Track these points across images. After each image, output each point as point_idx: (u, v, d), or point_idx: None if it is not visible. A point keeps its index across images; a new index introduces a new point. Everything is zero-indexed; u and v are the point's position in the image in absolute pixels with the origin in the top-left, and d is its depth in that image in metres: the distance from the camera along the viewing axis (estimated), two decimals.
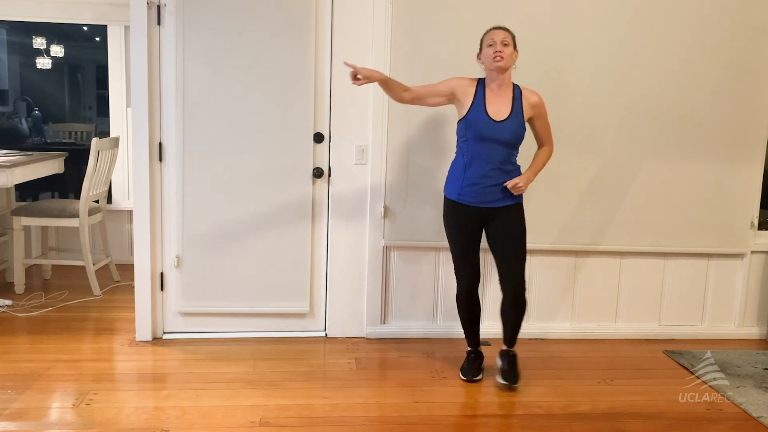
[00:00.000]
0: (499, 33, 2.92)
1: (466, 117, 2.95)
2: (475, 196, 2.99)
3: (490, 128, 2.91)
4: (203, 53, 3.42)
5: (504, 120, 2.93)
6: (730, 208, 3.80)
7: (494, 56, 2.89)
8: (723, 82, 3.69)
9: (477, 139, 2.93)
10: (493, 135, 2.92)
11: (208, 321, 3.65)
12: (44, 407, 2.79)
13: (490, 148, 2.94)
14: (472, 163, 2.97)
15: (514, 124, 2.94)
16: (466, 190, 2.99)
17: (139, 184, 3.49)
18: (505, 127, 2.92)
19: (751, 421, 2.87)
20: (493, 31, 2.96)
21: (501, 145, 2.94)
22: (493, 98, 2.95)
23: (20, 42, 8.93)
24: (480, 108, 2.93)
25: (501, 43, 2.90)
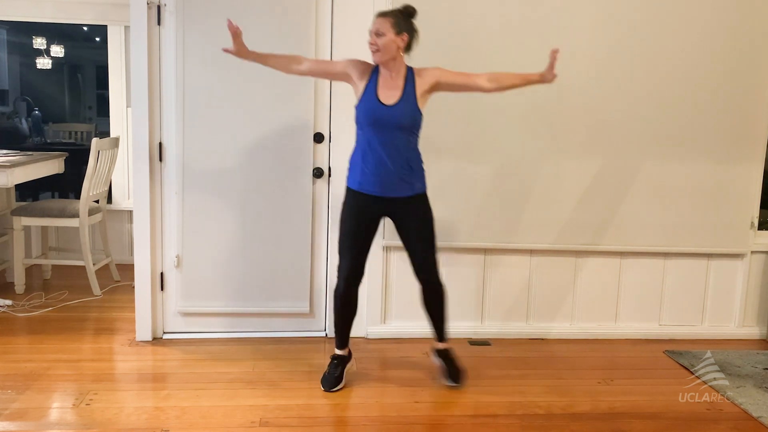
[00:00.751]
0: (374, 22, 2.81)
1: (359, 104, 2.87)
2: (377, 185, 2.87)
3: (382, 113, 2.82)
4: (203, 53, 3.42)
5: (395, 104, 2.82)
6: (730, 208, 3.80)
7: (370, 49, 2.82)
8: (723, 82, 3.69)
9: (371, 126, 2.84)
10: (385, 120, 2.81)
11: (208, 321, 3.65)
12: (44, 407, 2.79)
13: (386, 134, 2.82)
14: (369, 151, 2.86)
15: (405, 107, 2.82)
16: (368, 179, 2.87)
17: (139, 184, 3.49)
18: (396, 111, 2.81)
19: (751, 421, 2.87)
20: (374, 19, 2.83)
21: (396, 130, 2.83)
22: (385, 83, 2.84)
23: (20, 42, 8.93)
24: (371, 93, 2.84)
25: (375, 33, 2.79)
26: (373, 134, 2.85)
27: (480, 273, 3.76)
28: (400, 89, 2.86)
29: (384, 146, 2.84)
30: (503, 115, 3.60)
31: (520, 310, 3.82)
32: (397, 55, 2.85)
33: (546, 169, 3.67)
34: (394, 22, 2.82)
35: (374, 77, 2.88)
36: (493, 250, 3.74)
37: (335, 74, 3.00)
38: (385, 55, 2.82)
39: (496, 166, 3.64)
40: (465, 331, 3.77)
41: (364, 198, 2.91)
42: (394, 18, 2.83)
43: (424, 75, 2.91)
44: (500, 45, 3.55)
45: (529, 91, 3.56)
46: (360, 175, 2.90)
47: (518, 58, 3.54)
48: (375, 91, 2.85)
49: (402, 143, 2.86)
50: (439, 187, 3.62)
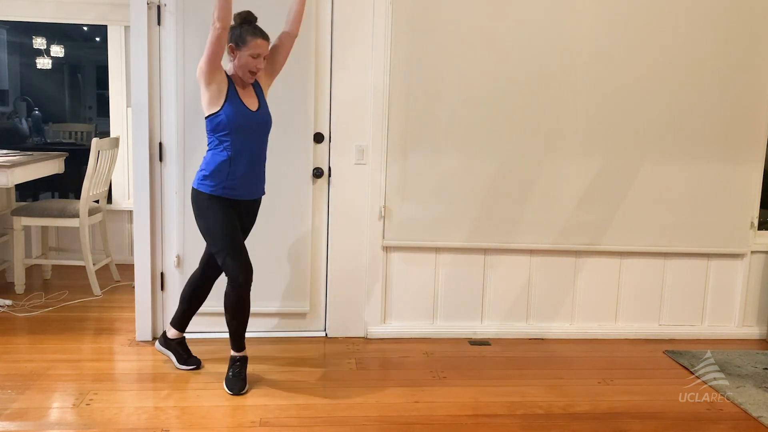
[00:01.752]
0: (264, 46, 2.86)
1: (226, 108, 2.84)
2: (241, 189, 2.93)
3: (252, 118, 2.90)
4: (203, 53, 3.41)
5: (258, 109, 2.93)
6: (730, 208, 3.80)
7: (252, 70, 2.86)
8: (723, 82, 3.69)
9: (240, 132, 2.87)
10: (253, 125, 2.91)
11: (208, 321, 3.64)
12: (44, 407, 2.79)
13: (252, 139, 2.93)
14: (238, 157, 2.88)
15: (265, 112, 2.98)
16: (235, 183, 2.90)
17: (140, 184, 3.49)
18: (260, 116, 2.94)
19: (751, 421, 2.87)
20: (260, 40, 2.84)
21: (260, 134, 2.96)
22: (242, 91, 2.91)
23: (20, 42, 8.93)
24: (236, 100, 2.87)
25: (264, 58, 2.88)
26: (244, 140, 2.90)
27: (480, 273, 3.76)
28: (254, 96, 2.96)
29: (252, 151, 2.94)
30: (503, 115, 3.60)
31: (520, 310, 3.82)
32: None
33: (546, 169, 3.67)
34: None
35: (231, 85, 2.90)
36: (493, 250, 3.74)
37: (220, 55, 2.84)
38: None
39: (496, 166, 3.64)
40: (465, 331, 3.77)
41: (229, 202, 2.94)
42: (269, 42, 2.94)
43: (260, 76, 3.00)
44: (499, 45, 3.55)
45: (530, 91, 3.58)
46: (225, 181, 2.90)
47: (517, 57, 3.54)
48: (239, 98, 2.89)
49: (262, 147, 3.00)
50: (440, 187, 3.62)
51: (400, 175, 3.60)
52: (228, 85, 2.87)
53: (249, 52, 2.84)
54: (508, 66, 3.56)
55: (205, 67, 2.81)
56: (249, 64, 2.85)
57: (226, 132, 2.87)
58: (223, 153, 2.89)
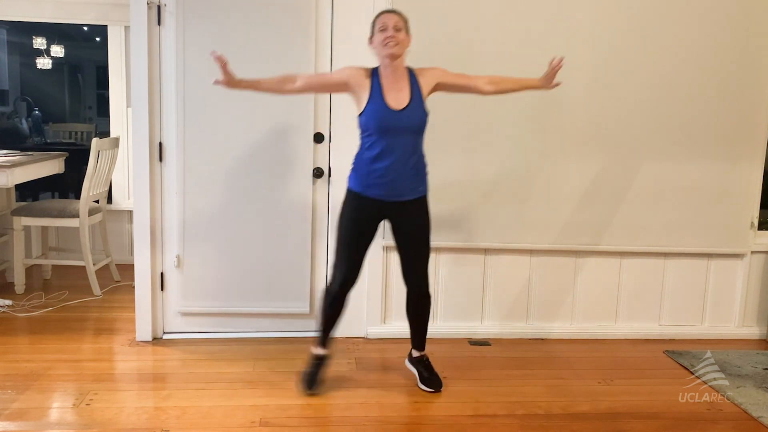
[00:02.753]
0: (391, 17, 2.79)
1: (366, 110, 2.82)
2: (383, 189, 2.85)
3: (392, 118, 2.78)
4: (203, 53, 3.41)
5: (404, 108, 2.79)
6: (730, 208, 3.80)
7: (385, 41, 2.76)
8: (723, 82, 3.69)
9: (381, 132, 2.80)
10: (396, 125, 2.79)
11: (208, 321, 3.65)
12: (44, 407, 2.79)
13: (396, 139, 2.80)
14: (378, 157, 2.81)
15: (415, 111, 2.81)
16: (374, 182, 2.85)
17: (139, 184, 3.49)
18: (407, 115, 2.79)
19: (751, 422, 2.87)
20: (384, 14, 2.82)
21: (406, 135, 2.82)
22: (389, 86, 2.81)
23: (20, 42, 8.93)
24: (378, 99, 2.79)
25: (393, 28, 2.76)
26: (383, 139, 2.81)
27: (480, 273, 3.76)
28: (406, 92, 2.83)
29: (393, 151, 2.82)
30: (503, 115, 3.60)
31: (520, 310, 3.82)
32: (404, 54, 2.86)
33: (546, 169, 3.67)
34: (407, 22, 2.85)
35: (375, 81, 2.83)
36: (493, 250, 3.74)
37: (333, 86, 2.98)
38: (401, 49, 2.81)
39: (496, 166, 3.64)
40: (465, 331, 3.77)
41: (367, 201, 2.89)
42: (406, 19, 2.85)
43: (426, 75, 2.90)
44: (499, 45, 3.55)
45: (530, 91, 3.57)
46: (365, 178, 2.87)
47: (517, 59, 3.54)
48: (381, 96, 2.81)
49: (410, 147, 2.85)
50: (440, 187, 3.62)
51: None
52: (371, 86, 2.82)
53: (377, 29, 2.81)
54: (508, 66, 3.55)
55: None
56: (380, 39, 2.79)
57: (367, 132, 2.85)
58: (365, 152, 2.87)
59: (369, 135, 2.84)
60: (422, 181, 2.95)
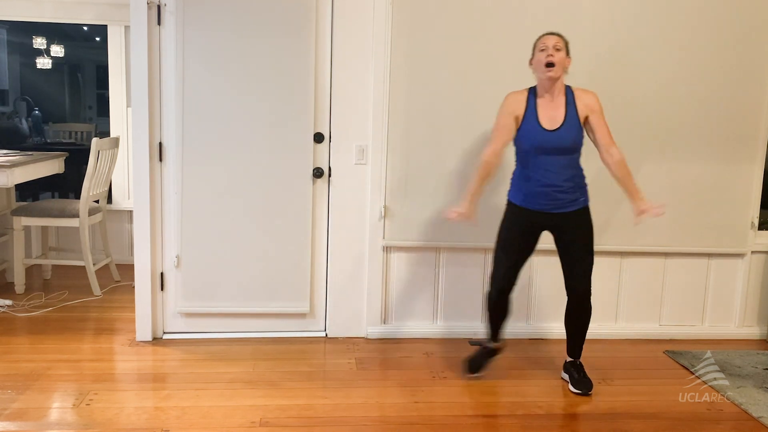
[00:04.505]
0: (551, 38, 2.87)
1: (521, 130, 2.89)
2: (539, 204, 2.95)
3: (545, 138, 2.86)
4: (203, 53, 3.42)
5: (558, 128, 2.86)
6: (730, 208, 3.80)
7: (546, 60, 2.82)
8: (723, 81, 3.69)
9: (534, 151, 2.88)
10: (549, 145, 2.86)
11: (208, 321, 3.65)
12: (44, 407, 2.79)
13: (550, 158, 2.88)
14: (532, 175, 2.92)
15: (569, 131, 2.87)
16: (531, 198, 2.96)
17: (139, 184, 3.49)
18: (560, 136, 2.86)
19: (751, 422, 2.87)
20: (546, 36, 2.89)
21: (560, 154, 2.88)
22: (545, 106, 2.89)
23: (20, 42, 8.93)
24: (533, 119, 2.88)
25: (553, 47, 2.83)
26: (538, 158, 2.89)
27: (480, 273, 3.75)
28: (561, 111, 2.89)
29: (549, 169, 2.90)
30: None
31: (521, 310, 3.81)
32: (563, 75, 2.91)
33: None
34: (566, 43, 2.91)
35: (531, 103, 2.91)
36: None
37: (512, 128, 2.94)
38: (559, 71, 2.86)
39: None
40: (465, 331, 3.76)
41: (527, 212, 2.99)
42: (566, 41, 2.91)
43: (584, 100, 2.94)
44: (500, 44, 3.55)
45: None
46: (523, 194, 2.98)
47: (518, 56, 3.54)
48: (536, 116, 2.88)
49: (564, 163, 2.91)
50: (440, 187, 3.62)
51: (401, 174, 3.60)
52: (527, 107, 2.90)
53: (537, 50, 2.89)
54: (508, 65, 3.55)
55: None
56: (540, 60, 2.86)
57: (522, 151, 2.94)
58: (521, 169, 2.99)
59: (524, 153, 2.94)
60: (582, 193, 3.01)
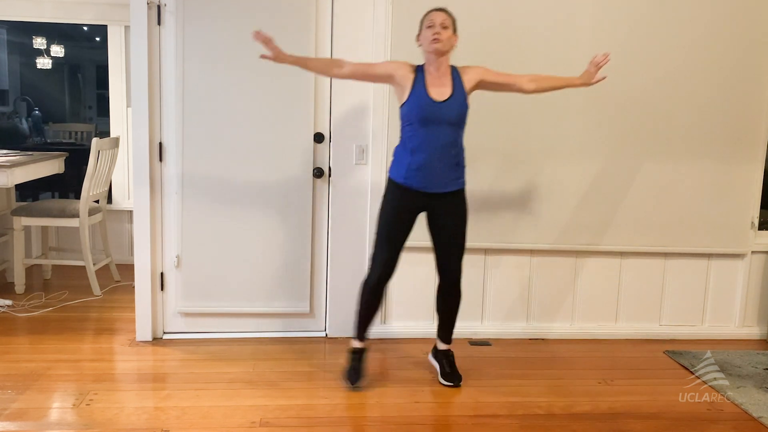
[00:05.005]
0: (438, 15, 2.87)
1: (409, 100, 2.88)
2: (422, 180, 2.90)
3: (434, 109, 2.86)
4: (203, 53, 3.42)
5: (446, 100, 2.86)
6: (730, 208, 3.80)
7: (432, 38, 2.85)
8: (723, 82, 3.69)
9: (422, 122, 2.87)
10: (437, 116, 2.86)
11: (209, 321, 3.65)
12: (44, 407, 2.79)
13: (436, 131, 2.86)
14: (418, 148, 2.88)
15: (456, 103, 2.88)
16: (413, 173, 2.90)
17: (139, 184, 3.49)
18: (448, 107, 2.86)
19: (751, 422, 2.87)
20: (433, 12, 2.89)
21: (446, 126, 2.87)
22: (433, 81, 2.88)
23: (20, 42, 8.93)
24: (421, 90, 2.87)
25: (440, 25, 2.84)
26: (424, 130, 2.87)
27: (480, 273, 3.76)
28: (449, 86, 2.90)
29: (434, 142, 2.88)
30: (503, 115, 3.59)
31: (520, 310, 3.82)
32: (449, 52, 2.92)
33: (546, 169, 3.67)
34: (454, 21, 2.92)
35: (420, 76, 2.91)
36: (493, 250, 3.74)
37: (378, 76, 3.00)
38: (445, 47, 2.88)
39: (496, 166, 3.64)
40: (465, 331, 3.76)
41: (408, 192, 2.95)
42: (453, 18, 2.92)
43: (469, 72, 2.96)
44: (499, 44, 3.55)
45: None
46: (406, 169, 2.92)
47: (517, 56, 3.55)
48: (425, 89, 2.88)
49: (451, 139, 2.90)
50: None
51: None
52: (414, 78, 2.89)
53: (425, 26, 2.89)
54: (507, 65, 3.54)
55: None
56: (427, 35, 2.87)
57: (408, 123, 2.91)
58: (406, 143, 2.93)
59: (410, 125, 2.91)
60: (462, 173, 2.99)
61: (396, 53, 3.49)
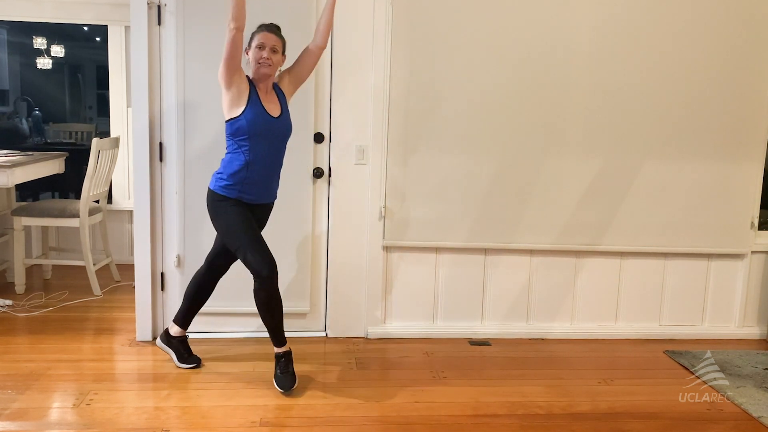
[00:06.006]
0: (270, 37, 2.88)
1: (246, 113, 2.86)
2: (257, 194, 2.97)
3: (271, 125, 2.91)
4: (203, 53, 3.42)
5: (279, 116, 2.94)
6: (730, 208, 3.80)
7: (260, 61, 2.86)
8: (723, 81, 3.69)
9: (259, 137, 2.89)
10: (273, 131, 2.92)
11: (209, 321, 3.65)
12: (45, 407, 2.79)
13: (271, 145, 2.94)
14: (255, 161, 2.90)
15: (287, 119, 2.98)
16: (248, 188, 2.93)
17: (140, 184, 3.49)
18: (282, 122, 2.95)
19: (751, 421, 2.87)
20: (264, 32, 2.89)
21: (279, 141, 2.97)
22: (264, 97, 2.93)
23: (21, 42, 8.93)
24: (258, 105, 2.88)
25: (270, 49, 2.87)
26: (262, 145, 2.91)
27: (480, 273, 3.76)
28: (277, 103, 2.97)
29: (269, 156, 2.95)
30: (503, 115, 3.60)
31: (520, 310, 3.82)
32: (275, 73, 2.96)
33: (546, 169, 3.67)
34: (284, 43, 2.96)
35: (253, 89, 2.91)
36: (493, 250, 3.74)
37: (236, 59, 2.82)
38: (274, 70, 2.93)
39: (496, 166, 3.64)
40: (465, 331, 3.77)
41: (244, 204, 2.97)
42: (284, 40, 2.96)
43: (283, 82, 3.04)
44: (500, 45, 3.55)
45: (530, 91, 3.58)
46: (241, 185, 2.93)
47: (517, 56, 3.55)
48: (260, 103, 2.90)
49: (281, 153, 3.01)
50: (440, 187, 3.62)
51: (401, 175, 3.60)
52: (250, 90, 2.89)
53: (255, 44, 2.89)
54: (508, 66, 3.56)
55: (223, 70, 2.84)
56: (256, 56, 2.88)
57: (246, 137, 2.89)
58: (241, 157, 2.92)
59: (246, 138, 2.90)
60: (278, 185, 3.10)
61: (396, 53, 3.50)
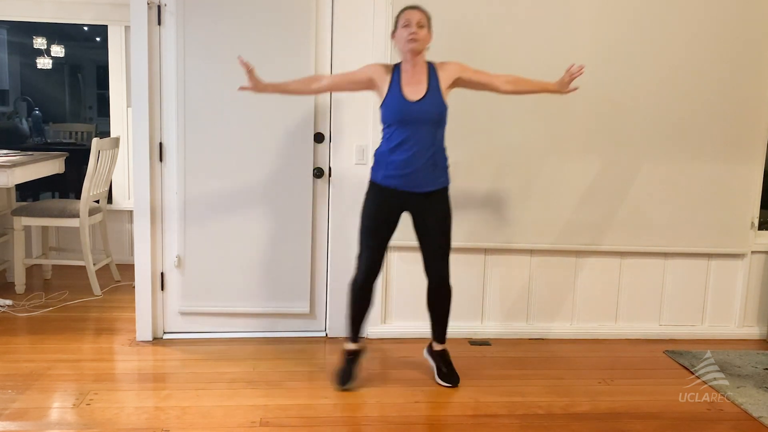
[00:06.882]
0: (415, 14, 2.86)
1: (385, 102, 2.89)
2: (402, 179, 2.91)
3: (409, 109, 2.85)
4: (203, 53, 3.42)
5: (421, 99, 2.86)
6: (730, 208, 3.80)
7: (408, 37, 2.84)
8: (723, 82, 3.69)
9: (399, 123, 2.87)
10: (412, 116, 2.85)
11: (209, 321, 3.65)
12: (45, 407, 2.79)
13: (414, 131, 2.86)
14: (397, 148, 2.88)
15: (432, 101, 2.87)
16: (392, 173, 2.91)
17: (140, 184, 3.49)
18: (423, 106, 2.86)
19: (751, 422, 2.87)
20: (408, 11, 2.88)
21: (424, 126, 2.87)
22: (408, 80, 2.89)
23: (21, 42, 8.94)
24: (396, 91, 2.87)
25: (416, 24, 2.83)
26: (401, 130, 2.87)
27: (480, 273, 3.76)
28: (424, 84, 2.89)
29: (411, 142, 2.88)
30: (503, 115, 3.60)
31: (520, 310, 3.82)
32: (424, 51, 2.92)
33: (546, 169, 3.67)
34: (429, 19, 2.91)
35: (396, 76, 2.91)
36: (493, 250, 3.74)
37: (358, 82, 3.00)
38: (421, 46, 2.87)
39: (496, 166, 3.64)
40: (465, 331, 3.77)
41: (388, 192, 2.95)
42: (429, 16, 2.91)
43: (447, 69, 2.96)
44: (499, 45, 3.55)
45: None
46: (385, 169, 2.93)
47: (519, 55, 3.55)
48: (399, 89, 2.88)
49: (429, 138, 2.90)
50: None
51: None
52: (391, 78, 2.90)
53: (401, 24, 2.88)
54: (508, 66, 3.55)
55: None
56: (402, 35, 2.86)
57: (386, 123, 2.92)
58: (385, 143, 2.94)
59: (388, 126, 2.92)
60: (442, 173, 2.99)
61: (396, 52, 3.49)
